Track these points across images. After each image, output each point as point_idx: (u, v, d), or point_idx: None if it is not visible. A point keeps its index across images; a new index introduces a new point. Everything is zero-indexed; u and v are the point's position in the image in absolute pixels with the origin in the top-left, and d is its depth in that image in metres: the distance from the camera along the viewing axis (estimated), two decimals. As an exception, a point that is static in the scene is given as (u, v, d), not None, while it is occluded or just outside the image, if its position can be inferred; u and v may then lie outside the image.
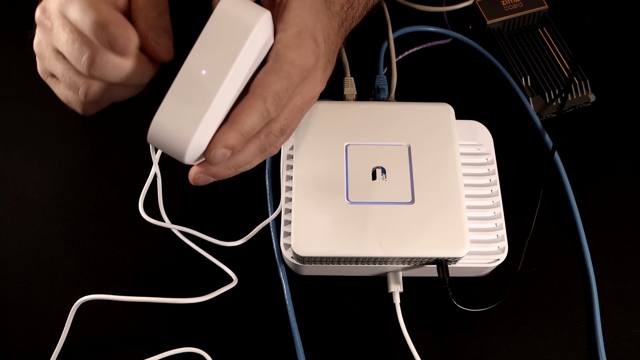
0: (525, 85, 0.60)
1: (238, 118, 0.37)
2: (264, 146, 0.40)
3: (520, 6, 0.63)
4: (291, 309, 0.50)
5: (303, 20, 0.39)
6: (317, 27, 0.40)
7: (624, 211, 0.56)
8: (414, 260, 0.48)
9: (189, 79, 0.35)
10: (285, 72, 0.38)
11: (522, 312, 0.52)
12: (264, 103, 0.37)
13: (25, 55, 0.64)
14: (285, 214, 0.50)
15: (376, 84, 0.58)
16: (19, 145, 0.59)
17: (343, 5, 0.46)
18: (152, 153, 0.52)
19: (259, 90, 0.37)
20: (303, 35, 0.38)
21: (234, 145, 0.37)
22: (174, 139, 0.35)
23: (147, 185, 0.54)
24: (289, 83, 0.38)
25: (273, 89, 0.37)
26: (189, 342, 0.50)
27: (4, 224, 0.55)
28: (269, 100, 0.37)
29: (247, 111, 0.37)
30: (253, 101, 0.37)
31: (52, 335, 0.50)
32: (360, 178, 0.49)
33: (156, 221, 0.53)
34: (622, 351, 0.50)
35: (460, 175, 0.50)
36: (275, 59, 0.38)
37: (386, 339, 0.51)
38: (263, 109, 0.37)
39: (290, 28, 0.38)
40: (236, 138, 0.37)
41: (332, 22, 0.43)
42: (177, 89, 0.35)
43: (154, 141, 0.36)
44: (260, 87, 0.37)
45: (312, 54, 0.39)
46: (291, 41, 0.38)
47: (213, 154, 0.36)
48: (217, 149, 0.36)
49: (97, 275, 0.53)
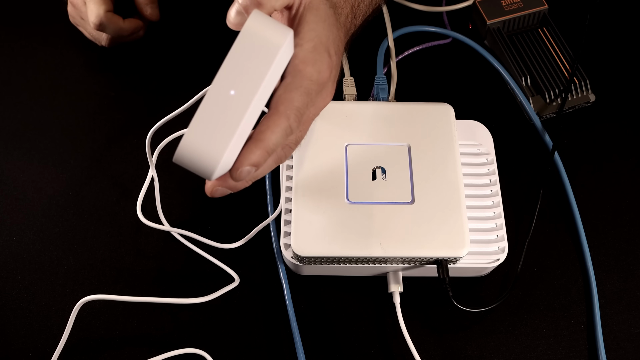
0: (525, 85, 0.60)
1: (263, 136, 0.37)
2: (279, 158, 0.41)
3: (520, 6, 0.63)
4: (291, 309, 0.50)
5: (318, 35, 0.40)
6: (329, 41, 0.41)
7: (624, 211, 0.56)
8: (414, 260, 0.48)
9: (218, 100, 0.35)
10: (305, 89, 0.39)
11: (522, 312, 0.52)
12: (288, 120, 0.38)
13: (25, 55, 0.64)
14: (285, 214, 0.50)
15: (376, 84, 0.58)
16: (19, 145, 0.59)
17: (347, 15, 0.48)
18: (149, 157, 0.52)
19: (282, 108, 0.38)
20: (318, 49, 0.39)
21: (259, 162, 0.38)
22: (203, 159, 0.35)
23: (145, 189, 0.54)
24: (308, 99, 0.39)
25: (295, 106, 0.38)
26: (189, 342, 0.50)
27: (4, 224, 0.55)
28: (292, 117, 0.38)
29: (272, 129, 0.37)
30: (277, 119, 0.38)
31: (52, 335, 0.50)
32: (360, 178, 0.49)
33: (155, 224, 0.53)
34: (622, 351, 0.50)
35: (460, 175, 0.50)
36: (294, 75, 0.39)
37: (386, 339, 0.51)
38: (287, 126, 0.38)
39: (306, 43, 0.39)
40: (261, 156, 0.37)
41: (340, 34, 0.44)
42: (205, 109, 0.35)
43: (182, 161, 0.36)
44: (284, 104, 0.38)
45: (327, 68, 0.40)
46: (308, 56, 0.39)
47: (240, 172, 0.37)
48: (244, 166, 0.37)
49: (97, 275, 0.53)
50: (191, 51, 0.64)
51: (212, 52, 0.53)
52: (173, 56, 0.64)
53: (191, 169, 0.37)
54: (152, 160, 0.53)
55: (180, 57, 0.64)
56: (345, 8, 0.48)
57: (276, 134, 0.38)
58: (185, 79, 0.62)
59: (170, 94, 0.61)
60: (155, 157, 0.55)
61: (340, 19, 0.46)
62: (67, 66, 0.63)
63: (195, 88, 0.48)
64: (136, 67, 0.63)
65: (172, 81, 0.62)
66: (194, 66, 0.63)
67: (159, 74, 0.63)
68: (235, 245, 0.52)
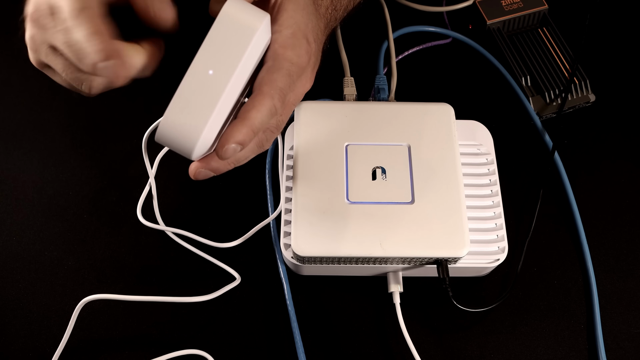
0: (525, 85, 0.60)
1: (249, 115, 0.38)
2: (262, 142, 0.42)
3: (520, 6, 0.63)
4: (292, 309, 0.50)
5: (296, 22, 0.41)
6: (308, 28, 0.42)
7: (624, 211, 0.56)
8: (414, 260, 0.48)
9: (196, 79, 0.37)
10: (287, 70, 0.40)
11: (522, 312, 0.52)
12: (272, 100, 0.39)
13: (25, 55, 0.64)
14: (285, 214, 0.50)
15: (376, 84, 0.58)
16: (19, 145, 0.59)
17: (328, 7, 0.49)
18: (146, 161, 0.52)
19: (266, 89, 0.39)
20: (297, 35, 0.41)
21: (244, 141, 0.38)
22: (183, 136, 0.37)
23: (145, 193, 0.54)
24: (290, 80, 0.40)
25: (279, 86, 0.39)
26: (190, 342, 0.50)
27: (4, 224, 0.55)
28: (275, 97, 0.39)
29: (257, 108, 0.38)
30: (262, 98, 0.39)
31: (53, 335, 0.50)
32: (360, 178, 0.49)
33: (155, 225, 0.53)
34: (622, 351, 0.50)
35: (460, 175, 0.50)
36: (274, 58, 0.40)
37: (386, 339, 0.51)
38: (271, 106, 0.39)
39: (285, 29, 0.40)
40: (247, 134, 0.38)
41: (319, 23, 0.45)
42: (184, 88, 0.37)
43: (162, 139, 0.37)
44: (267, 85, 0.39)
45: (306, 53, 0.41)
46: (287, 41, 0.40)
47: (226, 149, 0.38)
48: (229, 144, 0.38)
49: (97, 275, 0.53)
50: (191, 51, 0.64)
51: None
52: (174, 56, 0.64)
53: (172, 147, 0.38)
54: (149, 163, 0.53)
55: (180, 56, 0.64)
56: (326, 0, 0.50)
57: (261, 112, 0.39)
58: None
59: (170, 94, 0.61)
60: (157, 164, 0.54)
61: (321, 9, 0.47)
62: (67, 66, 0.63)
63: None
64: (136, 67, 0.63)
65: (173, 81, 0.62)
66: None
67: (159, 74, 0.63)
68: (233, 244, 0.52)
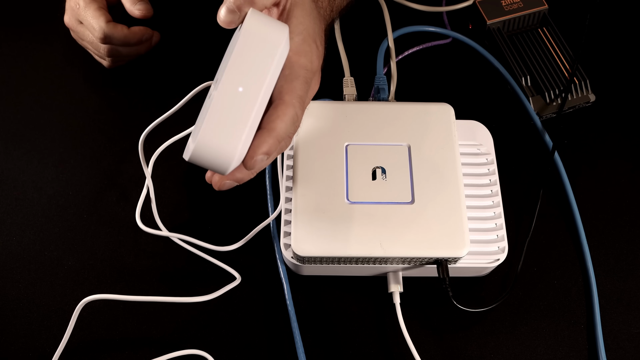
0: (525, 85, 0.60)
1: (274, 125, 0.39)
2: (282, 148, 0.42)
3: (520, 6, 0.63)
4: (292, 309, 0.50)
5: (306, 28, 0.42)
6: (316, 33, 0.43)
7: (624, 211, 0.56)
8: (414, 260, 0.48)
9: (228, 98, 0.37)
10: (303, 78, 0.41)
11: (522, 312, 0.52)
12: (294, 109, 0.40)
13: (25, 55, 0.64)
14: (285, 214, 0.50)
15: (376, 84, 0.58)
16: (19, 145, 0.59)
17: (326, 8, 0.51)
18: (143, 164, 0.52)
19: (288, 98, 0.40)
20: (307, 41, 0.42)
21: (271, 151, 0.39)
22: (219, 155, 0.37)
23: (143, 196, 0.54)
24: (307, 86, 0.41)
25: (298, 95, 0.40)
26: (190, 342, 0.50)
27: (4, 224, 0.55)
28: (297, 105, 0.40)
29: (282, 118, 0.39)
30: (285, 108, 0.40)
31: (53, 335, 0.50)
32: (360, 178, 0.49)
33: (155, 231, 0.53)
34: (622, 351, 0.50)
35: (460, 175, 0.50)
36: (290, 67, 0.41)
37: (386, 339, 0.51)
38: (294, 114, 0.40)
39: (296, 36, 0.42)
40: (273, 144, 0.39)
41: (322, 26, 0.47)
42: (217, 107, 0.37)
43: (197, 159, 0.38)
44: (288, 94, 0.40)
45: (317, 58, 0.43)
46: (299, 48, 0.41)
47: (254, 161, 0.39)
48: (258, 155, 0.39)
49: (98, 275, 0.53)
50: (191, 50, 0.64)
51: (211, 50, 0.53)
52: (173, 55, 0.64)
53: (206, 166, 0.38)
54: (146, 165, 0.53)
55: (180, 56, 0.64)
56: (324, 1, 0.52)
57: (285, 122, 0.39)
58: (186, 78, 0.62)
59: (170, 94, 0.61)
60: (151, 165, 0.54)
61: (320, 11, 0.49)
62: (67, 66, 0.63)
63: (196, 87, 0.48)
64: (137, 67, 0.63)
65: (173, 80, 0.62)
66: (193, 65, 0.63)
67: (159, 74, 0.63)
68: (234, 247, 0.52)
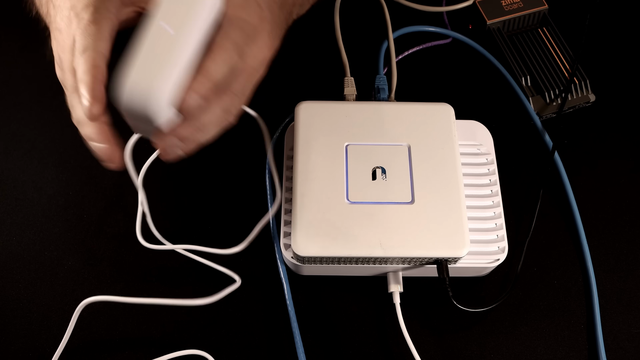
0: (525, 85, 0.60)
1: (204, 64, 0.39)
2: (226, 106, 0.42)
3: (520, 6, 0.63)
4: (292, 309, 0.50)
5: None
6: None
7: (624, 211, 0.56)
8: (414, 260, 0.48)
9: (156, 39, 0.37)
10: (239, 27, 0.41)
11: (522, 312, 0.52)
12: (227, 51, 0.40)
13: (25, 55, 0.64)
14: (285, 214, 0.50)
15: (376, 84, 0.58)
16: (19, 145, 0.59)
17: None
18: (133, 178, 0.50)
19: (219, 40, 0.40)
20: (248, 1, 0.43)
21: (206, 94, 0.39)
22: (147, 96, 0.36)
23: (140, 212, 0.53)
24: (243, 34, 0.41)
25: (232, 38, 0.40)
26: (190, 343, 0.50)
27: (4, 224, 0.55)
28: (231, 49, 0.40)
29: (212, 57, 0.39)
30: (217, 49, 0.40)
31: (53, 335, 0.50)
32: (360, 178, 0.49)
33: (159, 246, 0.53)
34: (622, 351, 0.50)
35: (460, 175, 0.50)
36: (226, 20, 0.41)
37: (386, 339, 0.51)
38: (227, 57, 0.40)
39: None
40: (207, 85, 0.39)
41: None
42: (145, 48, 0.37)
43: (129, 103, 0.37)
44: (221, 38, 0.40)
45: (257, 15, 0.43)
46: (238, 3, 0.42)
47: (186, 100, 0.38)
48: (189, 95, 0.38)
49: (98, 276, 0.53)
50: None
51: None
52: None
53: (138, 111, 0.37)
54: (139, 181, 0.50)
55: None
56: None
57: (218, 63, 0.39)
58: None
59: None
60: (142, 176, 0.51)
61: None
62: (67, 66, 0.63)
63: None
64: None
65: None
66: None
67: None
68: (237, 249, 0.52)
